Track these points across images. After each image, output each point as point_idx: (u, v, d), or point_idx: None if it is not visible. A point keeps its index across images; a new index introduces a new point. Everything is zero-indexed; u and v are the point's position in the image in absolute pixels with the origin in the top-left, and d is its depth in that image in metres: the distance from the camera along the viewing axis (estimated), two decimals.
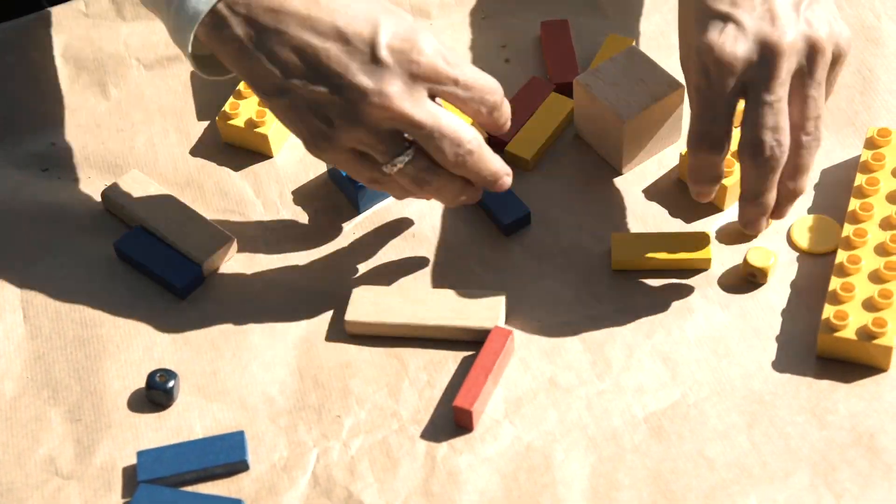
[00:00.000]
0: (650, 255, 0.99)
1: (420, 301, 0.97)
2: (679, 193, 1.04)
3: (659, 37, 1.13)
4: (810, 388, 0.93)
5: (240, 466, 0.91)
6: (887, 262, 0.95)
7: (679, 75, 1.10)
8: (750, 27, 0.91)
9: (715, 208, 1.02)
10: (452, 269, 1.01)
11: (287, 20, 0.88)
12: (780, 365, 0.94)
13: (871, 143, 1.02)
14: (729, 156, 1.01)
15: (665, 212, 1.03)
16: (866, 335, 0.92)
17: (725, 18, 0.92)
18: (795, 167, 0.94)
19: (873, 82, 1.09)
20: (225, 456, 0.91)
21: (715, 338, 0.96)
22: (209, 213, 1.05)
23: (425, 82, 0.89)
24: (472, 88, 0.91)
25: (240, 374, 0.97)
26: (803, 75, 0.92)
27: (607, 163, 1.06)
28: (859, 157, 1.04)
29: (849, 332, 0.92)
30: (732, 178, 1.01)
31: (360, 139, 0.89)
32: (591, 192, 1.04)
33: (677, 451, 0.90)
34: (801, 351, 0.94)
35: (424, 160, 0.91)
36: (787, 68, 0.91)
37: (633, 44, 1.09)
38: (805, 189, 0.95)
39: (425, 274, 1.01)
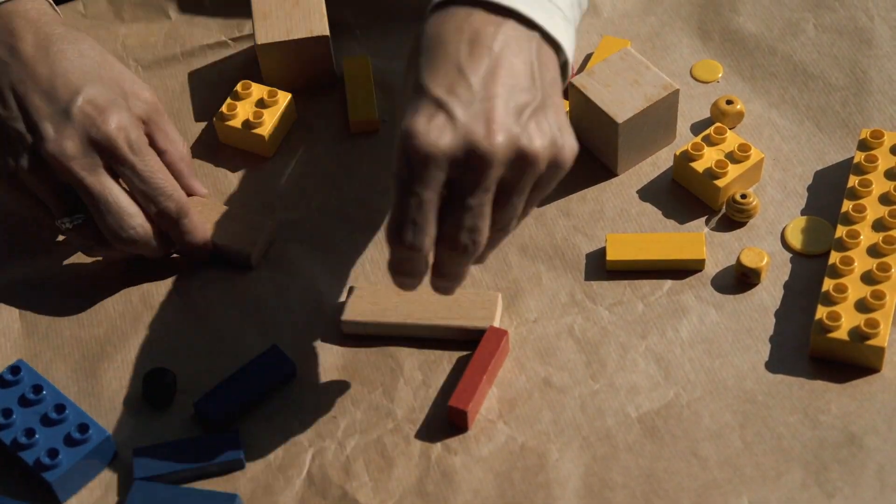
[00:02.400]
0: (644, 255, 0.99)
1: (416, 301, 0.97)
2: (673, 194, 1.04)
3: (654, 38, 1.14)
4: (803, 389, 0.93)
5: (235, 465, 0.92)
6: (880, 263, 0.95)
7: (674, 77, 1.11)
8: (461, 123, 0.81)
9: (709, 209, 1.03)
10: None
11: (14, 59, 0.96)
12: (773, 365, 0.94)
13: (864, 145, 1.03)
14: (707, 147, 1.02)
15: (659, 212, 1.03)
16: (859, 336, 0.92)
17: (438, 105, 0.81)
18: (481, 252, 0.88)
19: (866, 84, 1.09)
20: (221, 454, 0.92)
21: (708, 338, 0.96)
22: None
23: (103, 153, 0.94)
24: (147, 183, 0.96)
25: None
26: (509, 185, 0.83)
27: (602, 164, 1.06)
28: (852, 158, 1.04)
29: (841, 333, 0.93)
30: (725, 178, 1.01)
31: (36, 186, 0.95)
32: (586, 192, 1.05)
33: (671, 450, 0.91)
34: (793, 351, 0.95)
35: (93, 230, 0.96)
36: (493, 176, 0.82)
37: (628, 45, 1.10)
38: (485, 261, 0.89)
39: None
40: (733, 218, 1.01)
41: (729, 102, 1.06)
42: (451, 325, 0.96)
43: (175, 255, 1.02)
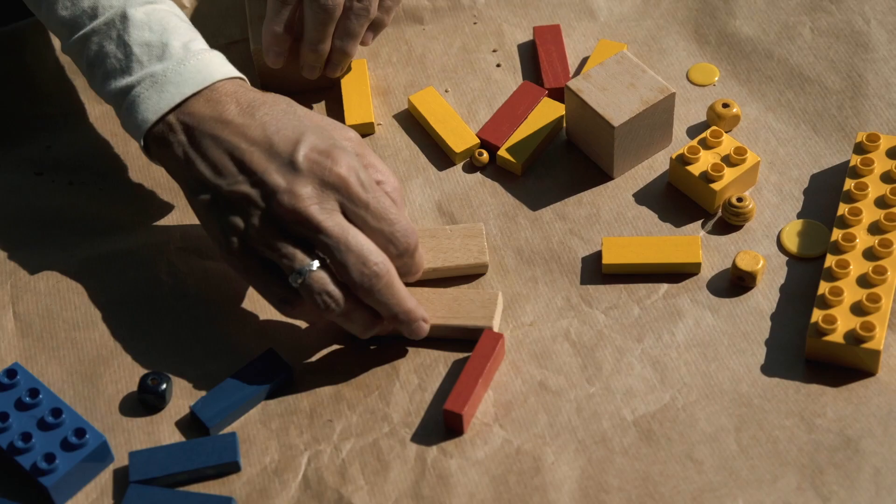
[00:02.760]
0: (640, 259, 0.99)
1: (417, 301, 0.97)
2: (669, 198, 1.04)
3: (650, 42, 1.14)
4: (798, 392, 0.93)
5: (231, 467, 0.92)
6: (876, 266, 0.95)
7: (671, 80, 1.11)
8: None
9: (705, 213, 1.03)
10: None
11: (223, 128, 0.95)
12: (769, 368, 0.94)
13: (860, 148, 1.03)
14: (704, 151, 1.02)
15: (655, 216, 1.03)
16: (854, 339, 0.92)
17: None
18: (345, 29, 1.06)
19: (863, 87, 1.09)
20: (217, 457, 0.92)
21: (704, 341, 0.96)
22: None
23: (336, 193, 0.92)
24: (382, 220, 0.93)
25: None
26: None
27: (598, 167, 1.06)
28: (848, 161, 1.04)
29: (837, 336, 0.93)
30: (722, 182, 1.01)
31: (269, 242, 0.92)
32: (583, 196, 1.05)
33: (666, 453, 0.91)
34: (789, 355, 0.95)
35: (329, 275, 0.92)
36: None
37: (625, 49, 1.10)
38: (351, 53, 1.08)
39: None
40: (729, 221, 1.01)
41: (725, 106, 1.07)
42: (451, 324, 0.96)
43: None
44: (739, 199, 1.01)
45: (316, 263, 0.92)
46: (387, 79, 1.13)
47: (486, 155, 1.06)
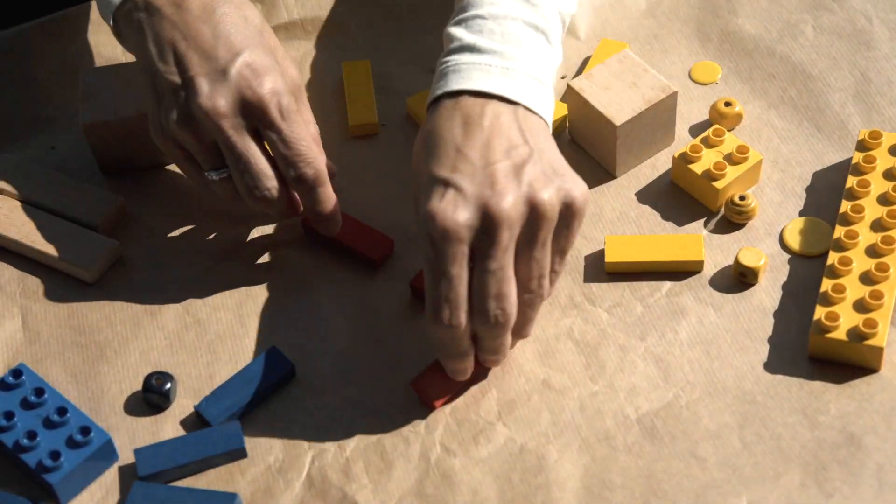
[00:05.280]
0: (643, 257, 0.99)
1: None
2: (672, 197, 1.04)
3: (652, 41, 1.14)
4: (802, 389, 0.93)
5: (238, 454, 0.92)
6: (878, 263, 0.96)
7: (673, 79, 1.11)
8: (470, 193, 0.88)
9: (707, 211, 1.03)
10: None
11: (178, 13, 0.98)
12: (772, 366, 0.94)
13: (862, 146, 1.03)
14: (706, 149, 1.02)
15: (658, 215, 1.03)
16: (857, 336, 0.93)
17: (446, 184, 0.89)
18: (518, 322, 0.92)
19: (865, 85, 1.09)
20: (223, 445, 0.92)
21: (707, 339, 0.96)
22: (206, 218, 1.06)
23: (252, 115, 0.96)
24: (290, 147, 0.96)
25: None
26: (527, 239, 0.89)
27: (601, 166, 1.06)
28: (851, 159, 1.04)
29: (840, 334, 0.93)
30: (724, 180, 1.01)
31: (187, 140, 0.96)
32: None
33: (670, 451, 0.91)
34: (792, 352, 0.95)
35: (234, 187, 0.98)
36: (508, 235, 0.88)
37: (627, 48, 1.10)
38: (529, 335, 0.93)
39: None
40: (732, 220, 1.01)
41: (727, 104, 1.07)
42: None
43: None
44: (742, 198, 1.01)
45: (226, 171, 0.98)
46: (389, 78, 1.14)
47: None
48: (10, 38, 1.18)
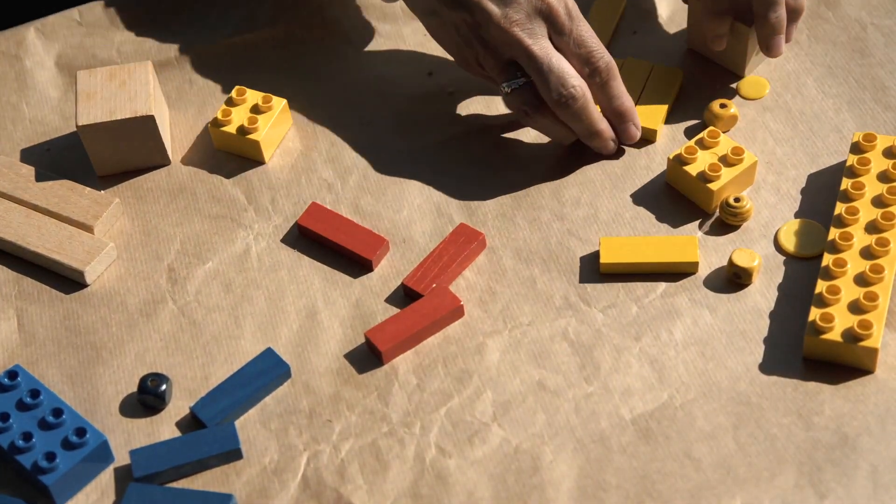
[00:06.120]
0: (638, 258, 0.99)
1: None
2: (667, 198, 1.04)
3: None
4: (796, 390, 0.93)
5: (234, 455, 0.92)
6: (873, 265, 0.96)
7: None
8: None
9: (703, 213, 1.03)
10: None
11: None
12: (767, 367, 0.95)
13: (856, 148, 1.03)
14: (701, 151, 1.03)
15: (653, 216, 1.03)
16: (852, 337, 0.93)
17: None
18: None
19: (859, 91, 1.10)
20: (218, 446, 0.92)
21: (702, 340, 0.96)
22: (201, 220, 1.06)
23: (545, 21, 1.03)
24: (582, 45, 1.04)
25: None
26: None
27: (597, 168, 1.06)
28: (845, 161, 1.04)
29: (835, 335, 0.93)
30: (719, 182, 1.01)
31: (485, 60, 1.04)
32: (580, 197, 1.05)
33: (664, 452, 0.91)
34: (787, 353, 0.95)
35: (532, 94, 1.04)
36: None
37: None
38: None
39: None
40: (727, 221, 1.02)
41: (723, 106, 1.07)
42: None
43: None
44: (737, 199, 1.01)
45: (520, 82, 1.04)
46: (385, 80, 1.14)
47: None
48: (6, 39, 1.18)
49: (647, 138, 1.08)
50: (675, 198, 1.04)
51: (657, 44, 1.15)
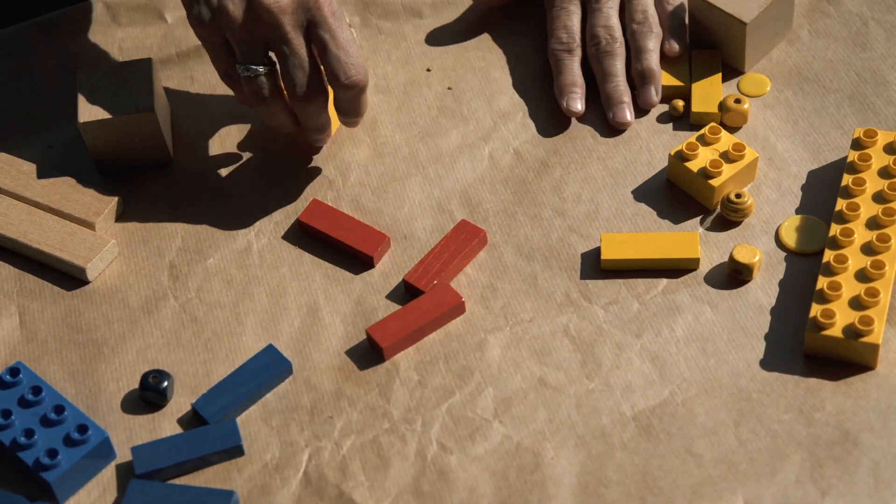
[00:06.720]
0: (639, 254, 1.00)
1: None
2: (667, 195, 1.04)
3: None
4: (797, 386, 0.93)
5: (236, 452, 0.92)
6: (874, 261, 0.96)
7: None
8: None
9: (703, 209, 1.03)
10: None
11: None
12: (768, 363, 0.95)
13: (857, 144, 1.03)
14: (702, 147, 1.03)
15: (654, 213, 1.03)
16: (853, 333, 0.93)
17: None
18: (636, 50, 1.09)
19: (860, 86, 1.10)
20: (220, 443, 0.92)
21: (703, 336, 0.96)
22: (203, 216, 1.06)
23: (309, 13, 0.99)
24: (341, 48, 1.00)
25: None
26: None
27: (600, 166, 1.07)
28: (846, 157, 1.04)
29: (836, 331, 0.93)
30: (720, 178, 1.02)
31: (234, 30, 0.99)
32: (581, 193, 1.05)
33: (665, 448, 0.91)
34: (788, 349, 0.95)
35: (272, 83, 1.00)
36: None
37: None
38: (653, 69, 1.08)
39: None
40: (728, 217, 1.02)
41: (737, 101, 1.07)
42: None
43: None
44: (738, 196, 1.01)
45: (264, 69, 1.00)
46: (386, 77, 1.14)
47: (681, 105, 1.09)
48: (7, 37, 1.18)
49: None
50: (676, 194, 1.04)
51: None
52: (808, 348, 0.94)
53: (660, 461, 0.91)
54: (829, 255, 0.97)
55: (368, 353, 0.98)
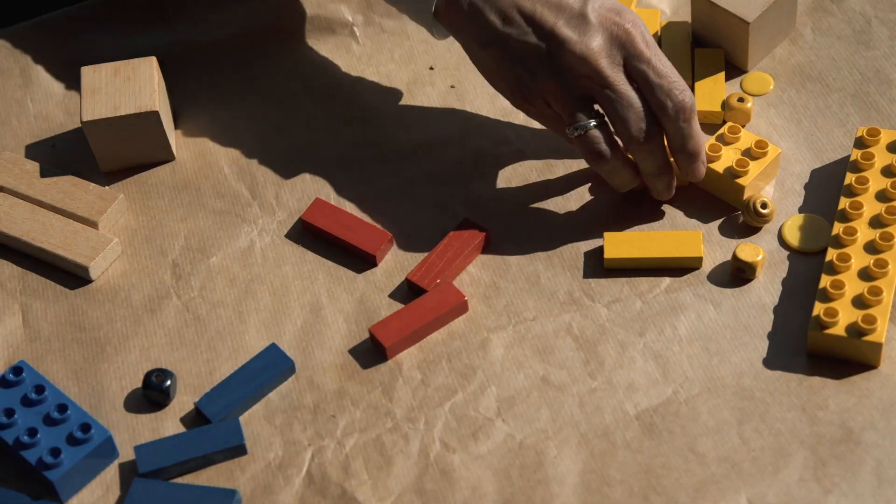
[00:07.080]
0: (642, 253, 0.99)
1: None
2: None
3: None
4: (801, 385, 0.93)
5: (238, 451, 0.92)
6: (876, 259, 0.96)
7: None
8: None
9: (708, 208, 1.03)
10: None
11: None
12: (771, 362, 0.95)
13: (860, 143, 1.03)
14: (725, 147, 1.02)
15: (657, 211, 1.03)
16: (856, 332, 0.93)
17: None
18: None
19: (864, 84, 1.09)
20: (223, 441, 0.92)
21: (706, 335, 0.96)
22: (206, 215, 1.06)
23: (623, 49, 0.96)
24: (663, 77, 0.96)
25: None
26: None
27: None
28: (849, 156, 1.04)
29: (839, 329, 0.93)
30: (748, 176, 1.01)
31: (554, 92, 0.96)
32: (584, 191, 1.05)
33: (668, 447, 0.91)
34: (791, 348, 0.95)
35: (604, 134, 0.97)
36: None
37: None
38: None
39: None
40: (752, 224, 1.01)
41: (740, 100, 1.07)
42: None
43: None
44: (763, 206, 1.00)
45: (594, 122, 0.97)
46: (389, 76, 1.14)
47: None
48: (10, 36, 1.18)
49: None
50: (680, 194, 1.04)
51: None
52: (811, 347, 0.94)
53: (663, 460, 0.91)
54: (832, 254, 0.97)
55: (371, 352, 0.98)
